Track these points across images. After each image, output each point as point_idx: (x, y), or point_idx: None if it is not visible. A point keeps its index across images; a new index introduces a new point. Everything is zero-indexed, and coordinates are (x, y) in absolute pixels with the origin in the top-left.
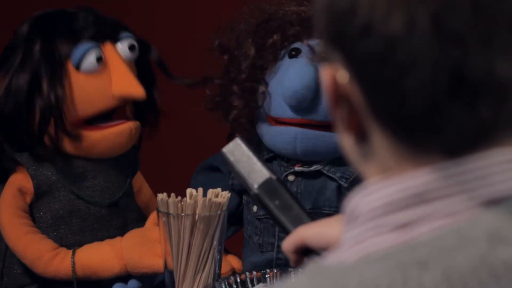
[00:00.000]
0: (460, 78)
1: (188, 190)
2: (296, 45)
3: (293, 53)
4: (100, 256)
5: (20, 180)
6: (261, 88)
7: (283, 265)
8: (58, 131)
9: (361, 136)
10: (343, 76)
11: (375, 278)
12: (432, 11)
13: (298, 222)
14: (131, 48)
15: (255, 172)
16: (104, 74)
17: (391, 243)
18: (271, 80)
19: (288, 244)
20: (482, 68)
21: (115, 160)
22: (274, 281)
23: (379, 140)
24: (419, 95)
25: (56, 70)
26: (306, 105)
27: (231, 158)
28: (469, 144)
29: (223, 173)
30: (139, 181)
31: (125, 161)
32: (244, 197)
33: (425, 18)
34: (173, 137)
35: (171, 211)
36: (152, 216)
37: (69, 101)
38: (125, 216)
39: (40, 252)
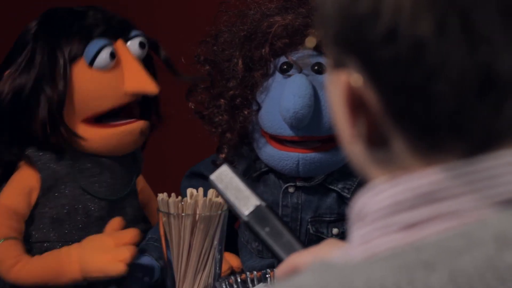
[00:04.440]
0: (489, 79)
1: (189, 190)
2: (285, 59)
3: (285, 67)
4: (57, 262)
5: (26, 178)
6: (252, 106)
7: None
8: (65, 130)
9: (377, 142)
10: (357, 79)
11: (381, 278)
12: (461, 12)
13: (289, 249)
14: (141, 45)
15: (244, 199)
16: (116, 71)
17: (398, 243)
18: (263, 98)
19: (281, 271)
20: (510, 69)
21: (121, 158)
22: (275, 281)
23: (398, 144)
24: (448, 98)
25: (61, 68)
26: (306, 123)
27: (220, 186)
28: (490, 144)
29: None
30: (142, 182)
31: (130, 160)
32: None
33: (454, 19)
34: (173, 137)
35: (172, 211)
36: (112, 222)
37: (81, 97)
38: (126, 214)
39: (4, 256)
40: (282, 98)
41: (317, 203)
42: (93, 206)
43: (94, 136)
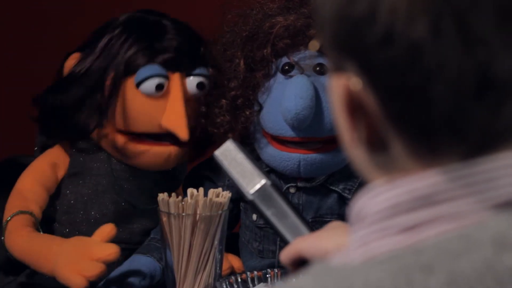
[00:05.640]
0: (486, 80)
1: (189, 190)
2: (287, 59)
3: (286, 67)
4: (40, 250)
5: (57, 154)
6: (254, 106)
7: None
8: (100, 133)
9: (377, 145)
10: (356, 83)
11: (380, 281)
12: (455, 14)
13: (294, 230)
14: (200, 86)
15: (250, 177)
16: (160, 102)
17: (397, 245)
18: (265, 98)
19: (285, 255)
20: (508, 69)
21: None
22: (275, 281)
23: (397, 147)
24: (445, 100)
25: (117, 80)
26: (307, 123)
27: (225, 162)
28: (489, 146)
29: (214, 182)
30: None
31: (166, 176)
32: (242, 204)
33: (449, 21)
34: None
35: (172, 211)
36: (102, 229)
37: (121, 111)
38: (146, 224)
39: (12, 227)
40: (283, 99)
41: (318, 203)
42: (110, 207)
43: (123, 146)
